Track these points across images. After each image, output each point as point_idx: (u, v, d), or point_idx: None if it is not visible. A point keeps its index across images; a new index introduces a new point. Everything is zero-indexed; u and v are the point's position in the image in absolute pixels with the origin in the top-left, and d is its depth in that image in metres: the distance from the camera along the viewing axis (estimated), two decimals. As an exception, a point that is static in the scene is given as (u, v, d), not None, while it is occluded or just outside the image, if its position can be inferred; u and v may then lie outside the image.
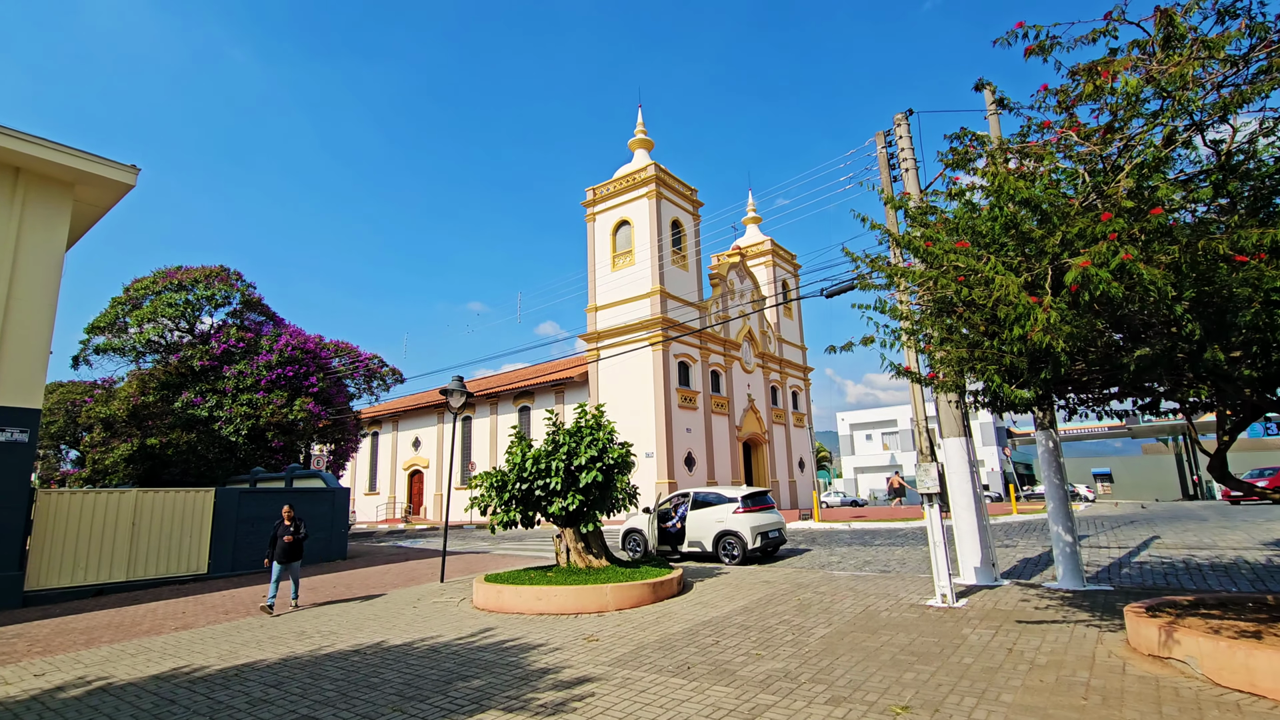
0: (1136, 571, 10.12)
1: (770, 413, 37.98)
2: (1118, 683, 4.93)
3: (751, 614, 7.94)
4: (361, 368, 26.72)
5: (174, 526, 13.85)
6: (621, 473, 10.14)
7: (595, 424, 10.32)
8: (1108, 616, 7.02)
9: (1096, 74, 4.39)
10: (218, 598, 11.52)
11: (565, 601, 8.55)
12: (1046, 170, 4.87)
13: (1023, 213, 4.75)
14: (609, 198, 32.70)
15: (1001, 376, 5.17)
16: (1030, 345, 4.80)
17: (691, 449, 30.02)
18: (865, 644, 6.33)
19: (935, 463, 8.18)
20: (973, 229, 5.56)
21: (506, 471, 10.20)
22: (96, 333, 21.97)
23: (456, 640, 7.30)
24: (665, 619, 7.89)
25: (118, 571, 12.93)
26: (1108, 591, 8.44)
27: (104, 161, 13.13)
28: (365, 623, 8.62)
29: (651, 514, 14.25)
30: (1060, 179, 4.88)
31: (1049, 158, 4.83)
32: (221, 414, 21.28)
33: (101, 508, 12.90)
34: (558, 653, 6.51)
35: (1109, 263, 3.89)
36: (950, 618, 7.30)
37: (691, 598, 9.18)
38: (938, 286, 5.55)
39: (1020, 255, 4.99)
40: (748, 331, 36.49)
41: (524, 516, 10.08)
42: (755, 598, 8.96)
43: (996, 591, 8.70)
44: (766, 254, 41.01)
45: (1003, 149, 5.43)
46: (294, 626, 8.61)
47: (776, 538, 13.92)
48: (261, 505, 15.52)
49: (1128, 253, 3.82)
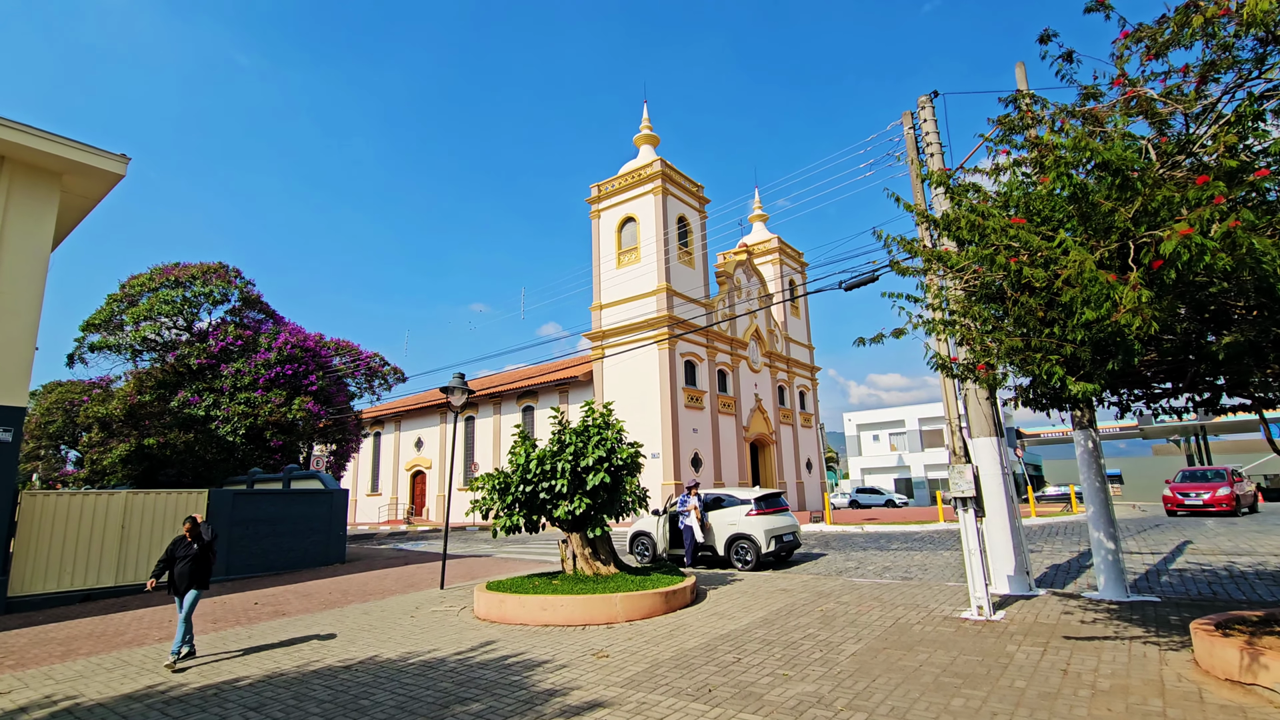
0: (1177, 580, 9.53)
1: (778, 412, 37.40)
2: (1198, 714, 4.36)
3: (772, 627, 7.38)
4: (362, 366, 26.24)
5: (166, 529, 13.35)
6: (631, 474, 9.60)
7: (603, 423, 9.77)
8: (1165, 632, 6.44)
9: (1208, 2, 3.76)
10: (208, 605, 11.01)
11: (572, 612, 8.01)
12: (1119, 133, 4.29)
13: (1093, 181, 4.18)
14: (614, 194, 32.18)
15: (1063, 368, 4.60)
16: (1098, 331, 4.25)
17: (698, 449, 29.46)
18: (902, 663, 5.77)
19: (970, 464, 7.61)
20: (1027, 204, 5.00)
21: (509, 473, 9.66)
22: (92, 330, 21.53)
23: (455, 655, 6.76)
24: (680, 632, 7.34)
25: (106, 576, 12.44)
26: (1155, 603, 7.85)
27: (93, 150, 12.65)
28: (359, 634, 8.09)
29: (661, 516, 13.70)
30: (1130, 146, 4.30)
31: (1123, 118, 4.25)
32: (219, 413, 20.82)
33: (89, 510, 12.42)
34: (565, 671, 5.96)
35: (1210, 232, 3.33)
36: (990, 632, 6.73)
37: (706, 608, 8.62)
38: (987, 269, 4.99)
39: (1087, 230, 4.43)
40: (755, 330, 35.92)
41: (528, 520, 9.54)
42: (774, 608, 8.40)
43: (1034, 602, 8.12)
44: (773, 252, 40.43)
45: (1068, 111, 4.86)
46: (282, 637, 8.08)
47: (791, 541, 13.35)
48: (257, 507, 15.03)
49: (1236, 219, 3.26)
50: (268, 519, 15.06)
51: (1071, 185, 4.15)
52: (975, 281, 5.58)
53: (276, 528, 15.21)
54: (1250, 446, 49.34)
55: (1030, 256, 4.56)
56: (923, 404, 56.73)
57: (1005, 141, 5.71)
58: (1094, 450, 8.50)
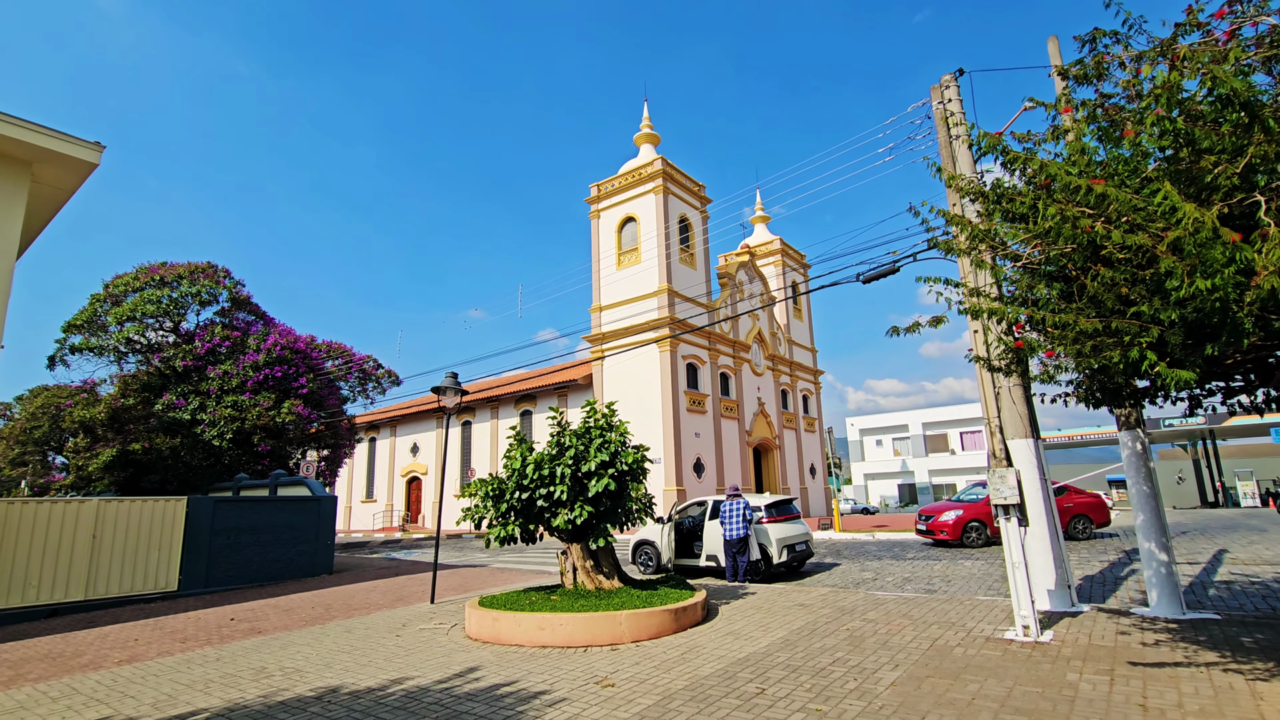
0: (1228, 594, 8.80)
1: (781, 417, 36.66)
2: (1326, 765, 3.63)
3: (795, 649, 6.64)
4: (355, 369, 25.49)
5: (140, 539, 12.59)
6: (636, 480, 8.86)
7: (606, 424, 9.04)
8: (1243, 657, 5.71)
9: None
10: (180, 620, 10.25)
11: (572, 632, 7.26)
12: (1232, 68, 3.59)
13: (1199, 129, 3.48)
14: (614, 194, 31.52)
15: (1155, 353, 3.90)
16: (1201, 307, 3.55)
17: (701, 454, 28.70)
18: (951, 695, 5.04)
19: (1013, 469, 6.89)
20: (1101, 166, 4.30)
21: (504, 479, 8.91)
22: (74, 331, 20.77)
23: (441, 684, 6.01)
24: (692, 655, 6.60)
25: (75, 590, 11.66)
26: (1215, 621, 7.12)
27: (64, 137, 11.93)
28: (337, 657, 7.33)
29: (666, 524, 12.93)
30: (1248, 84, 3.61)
31: (1236, 53, 3.56)
32: (205, 416, 20.05)
33: (57, 519, 11.65)
34: (565, 705, 5.22)
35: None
36: (1042, 656, 5.99)
37: (719, 626, 7.87)
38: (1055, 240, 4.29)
39: (1185, 188, 3.73)
40: (757, 333, 35.23)
41: (524, 530, 8.79)
42: (795, 627, 7.65)
43: (1081, 620, 7.39)
44: (776, 253, 39.78)
45: (1163, 48, 4.17)
46: (253, 661, 7.33)
47: (804, 551, 12.61)
48: (240, 515, 14.26)
49: None
50: (250, 528, 14.29)
51: (1173, 130, 3.45)
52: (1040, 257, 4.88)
53: (260, 537, 14.44)
54: (1259, 451, 48.38)
55: (1114, 223, 3.86)
56: (926, 408, 56.00)
57: (1086, 83, 4.98)
58: (1142, 452, 7.78)
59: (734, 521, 11.49)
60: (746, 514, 11.64)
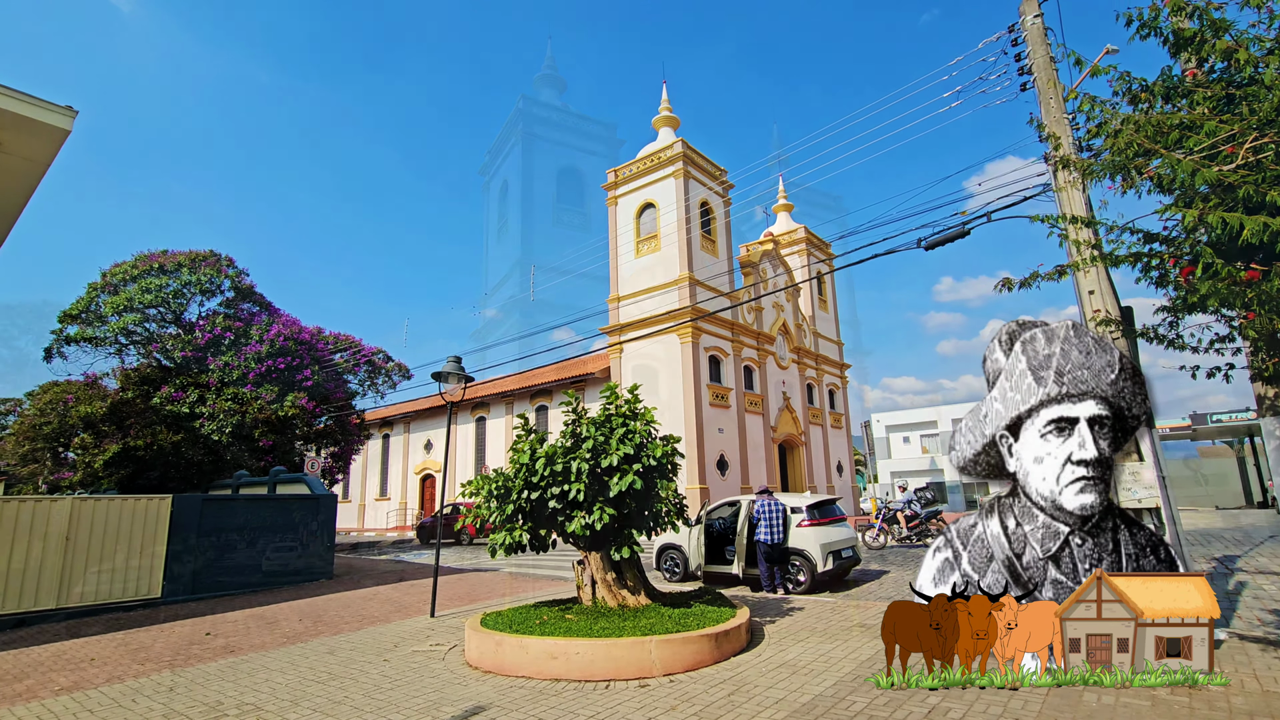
0: (1384, 615, 7.25)
1: (806, 412, 35.11)
2: None
3: (875, 692, 5.27)
4: (363, 362, 24.46)
5: (120, 542, 11.53)
6: (665, 477, 7.53)
7: (630, 412, 7.72)
8: None
9: None
10: (151, 634, 9.14)
11: (591, 662, 5.96)
12: None
13: None
14: (632, 179, 30.18)
15: None
16: None
17: (724, 450, 27.29)
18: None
19: (1144, 462, 5.45)
20: None
21: (510, 475, 7.62)
22: (70, 322, 19.95)
23: (426, 735, 4.74)
24: (741, 696, 5.26)
25: (46, 598, 10.62)
26: (1404, 656, 5.63)
27: (32, 100, 10.78)
28: (308, 689, 6.10)
29: (695, 526, 11.59)
30: None
31: None
32: (204, 410, 19.09)
33: (25, 519, 10.61)
34: (582, 777, 3.91)
35: None
36: (1205, 706, 4.57)
37: (768, 655, 6.52)
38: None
39: None
40: (782, 324, 33.70)
41: (534, 536, 7.51)
42: (863, 657, 6.27)
43: (1225, 650, 5.92)
44: (800, 242, 38.18)
45: None
46: (210, 693, 6.12)
47: (850, 558, 11.20)
48: (231, 515, 13.17)
49: None
50: (242, 529, 13.20)
51: None
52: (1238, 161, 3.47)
53: (253, 539, 13.34)
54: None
55: None
56: (955, 404, 53.96)
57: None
58: (1295, 443, 6.29)
59: (772, 524, 10.16)
60: (786, 516, 10.30)
